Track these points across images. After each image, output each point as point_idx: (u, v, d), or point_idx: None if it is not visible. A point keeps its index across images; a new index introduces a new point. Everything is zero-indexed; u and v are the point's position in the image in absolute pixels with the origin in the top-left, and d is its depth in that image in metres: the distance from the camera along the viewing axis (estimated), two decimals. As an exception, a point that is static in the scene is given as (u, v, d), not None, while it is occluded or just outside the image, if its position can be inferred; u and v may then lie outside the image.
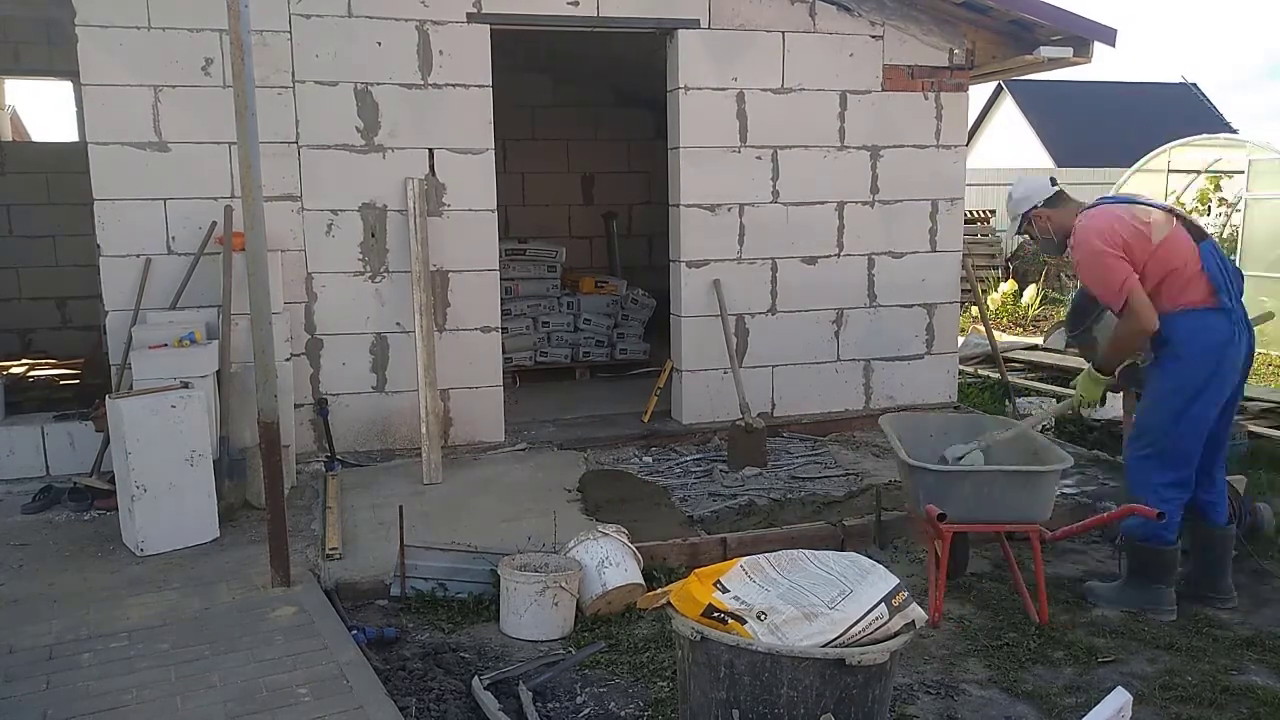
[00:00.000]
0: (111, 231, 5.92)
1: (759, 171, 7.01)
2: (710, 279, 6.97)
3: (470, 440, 6.67)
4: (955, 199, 7.54)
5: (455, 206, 6.47)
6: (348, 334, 6.39)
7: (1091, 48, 7.18)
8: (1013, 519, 4.35)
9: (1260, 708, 3.67)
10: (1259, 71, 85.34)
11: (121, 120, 5.86)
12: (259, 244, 4.29)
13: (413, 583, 4.55)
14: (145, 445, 4.81)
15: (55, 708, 3.40)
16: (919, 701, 3.74)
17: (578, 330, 9.07)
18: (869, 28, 7.13)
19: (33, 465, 5.97)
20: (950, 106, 7.39)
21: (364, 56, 6.20)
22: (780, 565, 3.13)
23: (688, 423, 7.07)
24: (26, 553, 4.90)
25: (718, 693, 2.97)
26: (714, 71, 6.82)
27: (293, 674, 3.63)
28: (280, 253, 6.02)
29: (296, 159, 6.17)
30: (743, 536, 5.04)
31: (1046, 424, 6.80)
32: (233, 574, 4.60)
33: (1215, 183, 14.52)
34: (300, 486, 5.90)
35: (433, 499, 5.72)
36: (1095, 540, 5.38)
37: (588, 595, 4.40)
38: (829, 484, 5.99)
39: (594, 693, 3.80)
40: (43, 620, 4.11)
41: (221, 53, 5.93)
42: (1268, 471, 6.45)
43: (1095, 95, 27.86)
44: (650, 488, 5.95)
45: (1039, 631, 4.29)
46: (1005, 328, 13.72)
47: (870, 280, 7.39)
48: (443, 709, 3.62)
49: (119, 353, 5.81)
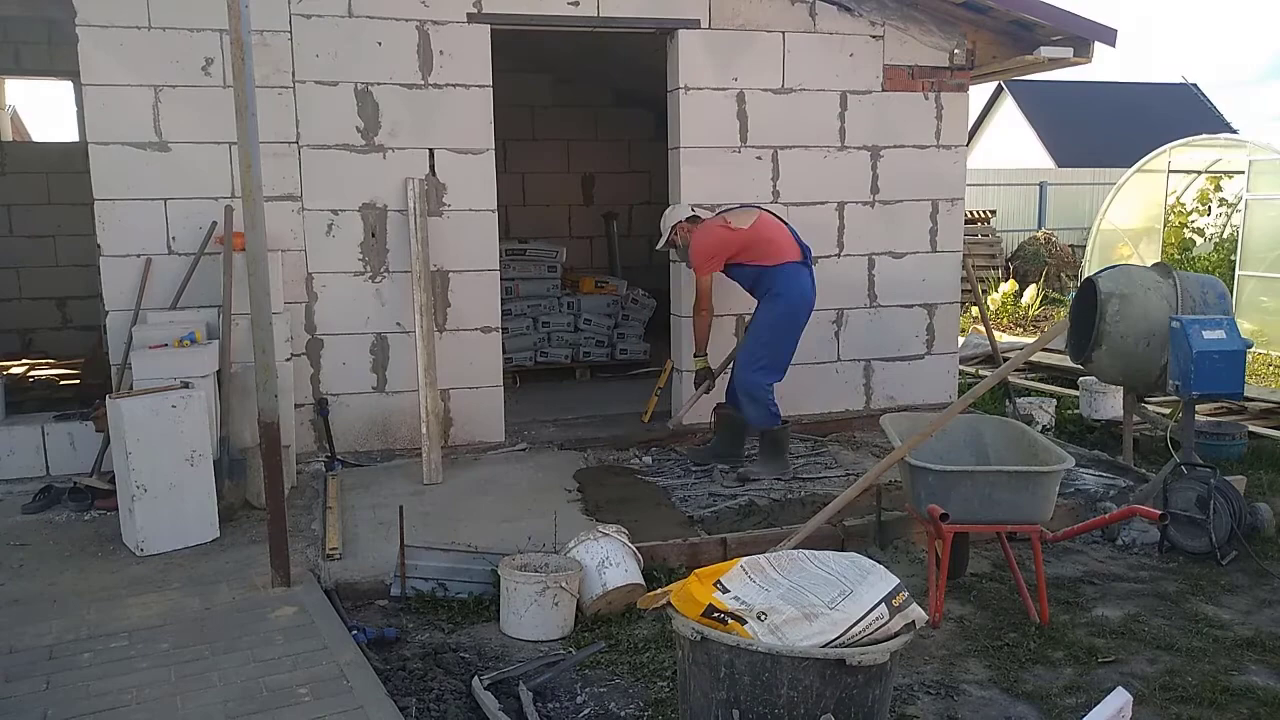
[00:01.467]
0: (112, 231, 5.92)
1: (759, 171, 7.01)
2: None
3: (470, 440, 6.67)
4: (955, 199, 7.54)
5: (455, 206, 6.47)
6: (348, 334, 6.39)
7: (1092, 48, 7.19)
8: (1014, 519, 4.35)
9: (1260, 708, 3.67)
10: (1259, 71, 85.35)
11: (122, 120, 5.86)
12: (259, 244, 4.29)
13: (413, 583, 4.55)
14: (145, 445, 4.81)
15: (55, 708, 3.40)
16: (919, 701, 3.74)
17: (578, 330, 9.06)
18: (869, 28, 7.13)
19: (33, 465, 5.97)
20: (950, 106, 7.38)
21: (364, 56, 6.20)
22: (780, 565, 3.13)
23: (688, 423, 7.06)
24: (27, 552, 4.90)
25: (718, 693, 2.97)
26: (714, 71, 6.82)
27: (293, 674, 3.63)
28: (280, 253, 6.02)
29: (297, 159, 6.17)
30: (743, 536, 5.04)
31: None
32: (233, 574, 4.60)
33: (1215, 183, 14.52)
34: (300, 486, 5.90)
35: (433, 499, 5.72)
36: (1095, 541, 5.38)
37: (588, 595, 4.40)
38: (829, 484, 5.99)
39: (594, 693, 3.80)
40: (43, 620, 4.11)
41: (222, 52, 5.93)
42: (1268, 471, 6.45)
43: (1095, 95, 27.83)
44: (650, 488, 5.95)
45: (1039, 631, 4.29)
46: (1005, 328, 13.73)
47: (871, 280, 7.39)
48: (443, 709, 3.62)
49: (119, 353, 5.81)
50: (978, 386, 5.05)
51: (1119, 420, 6.83)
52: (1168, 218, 14.23)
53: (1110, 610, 4.53)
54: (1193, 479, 5.24)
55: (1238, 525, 5.07)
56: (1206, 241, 14.63)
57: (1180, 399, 5.40)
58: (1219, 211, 14.59)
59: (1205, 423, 7.08)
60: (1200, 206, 14.68)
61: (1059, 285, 16.15)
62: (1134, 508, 4.44)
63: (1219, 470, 5.39)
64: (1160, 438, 6.72)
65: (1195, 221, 14.69)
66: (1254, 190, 12.09)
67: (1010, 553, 4.66)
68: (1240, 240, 12.29)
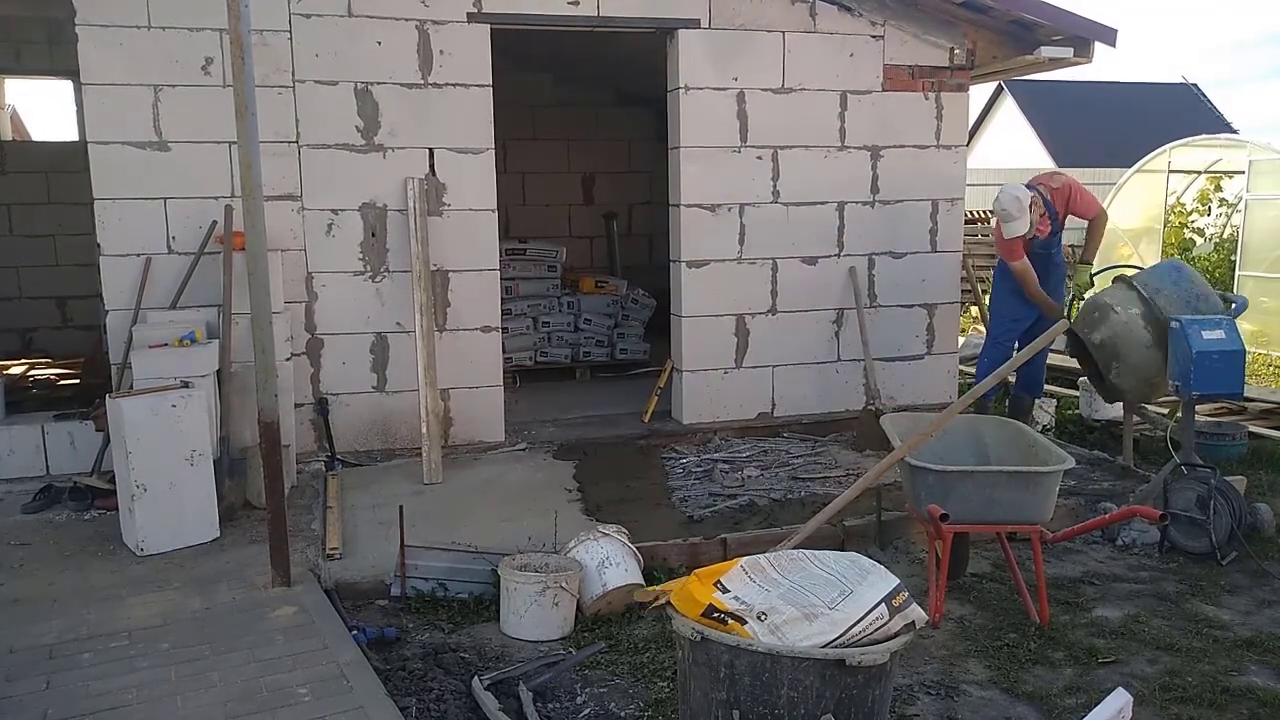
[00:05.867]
0: (112, 231, 5.91)
1: (759, 171, 7.00)
2: (712, 277, 6.98)
3: (471, 440, 6.67)
4: (955, 199, 7.54)
5: (455, 206, 6.47)
6: (348, 333, 6.39)
7: (1092, 48, 7.19)
8: (1014, 519, 4.35)
9: (1260, 708, 3.67)
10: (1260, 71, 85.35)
11: (122, 119, 5.86)
12: (259, 243, 4.29)
13: (413, 583, 4.55)
14: (145, 445, 4.81)
15: (56, 707, 3.40)
16: (919, 702, 3.74)
17: (578, 330, 9.06)
18: (869, 28, 7.12)
19: (33, 465, 5.96)
20: (951, 106, 7.38)
21: (364, 56, 6.20)
22: (780, 565, 3.12)
23: (688, 422, 7.07)
24: (27, 552, 4.90)
25: (718, 693, 2.97)
26: (714, 71, 6.81)
27: (293, 674, 3.63)
28: (280, 252, 6.02)
29: (297, 158, 6.17)
30: (743, 536, 5.04)
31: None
32: (233, 574, 4.59)
33: (1215, 183, 14.50)
34: (300, 486, 5.90)
35: (433, 499, 5.72)
36: (1096, 541, 5.38)
37: (588, 595, 4.40)
38: (829, 484, 5.99)
39: (594, 693, 3.80)
40: (43, 620, 4.11)
41: (222, 52, 5.93)
42: (1268, 472, 6.45)
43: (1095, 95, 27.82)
44: (650, 487, 5.95)
45: (1039, 632, 4.29)
46: (1005, 328, 13.68)
47: (871, 280, 7.39)
48: (443, 709, 3.62)
49: (119, 352, 5.81)
50: (978, 386, 5.05)
51: (1119, 420, 6.83)
52: (1168, 218, 14.22)
53: (1110, 611, 4.53)
54: (1193, 479, 5.24)
55: (1238, 525, 5.07)
56: (1206, 241, 14.62)
57: (1180, 399, 5.40)
58: (1219, 211, 14.57)
59: (1205, 423, 7.07)
60: (1200, 206, 14.66)
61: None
62: (1134, 508, 4.43)
63: (1219, 470, 5.39)
64: (1160, 438, 6.72)
65: (1195, 221, 14.67)
66: (1254, 190, 12.08)
67: (1010, 553, 4.66)
68: (1240, 240, 12.28)
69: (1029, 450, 4.61)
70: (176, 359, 5.35)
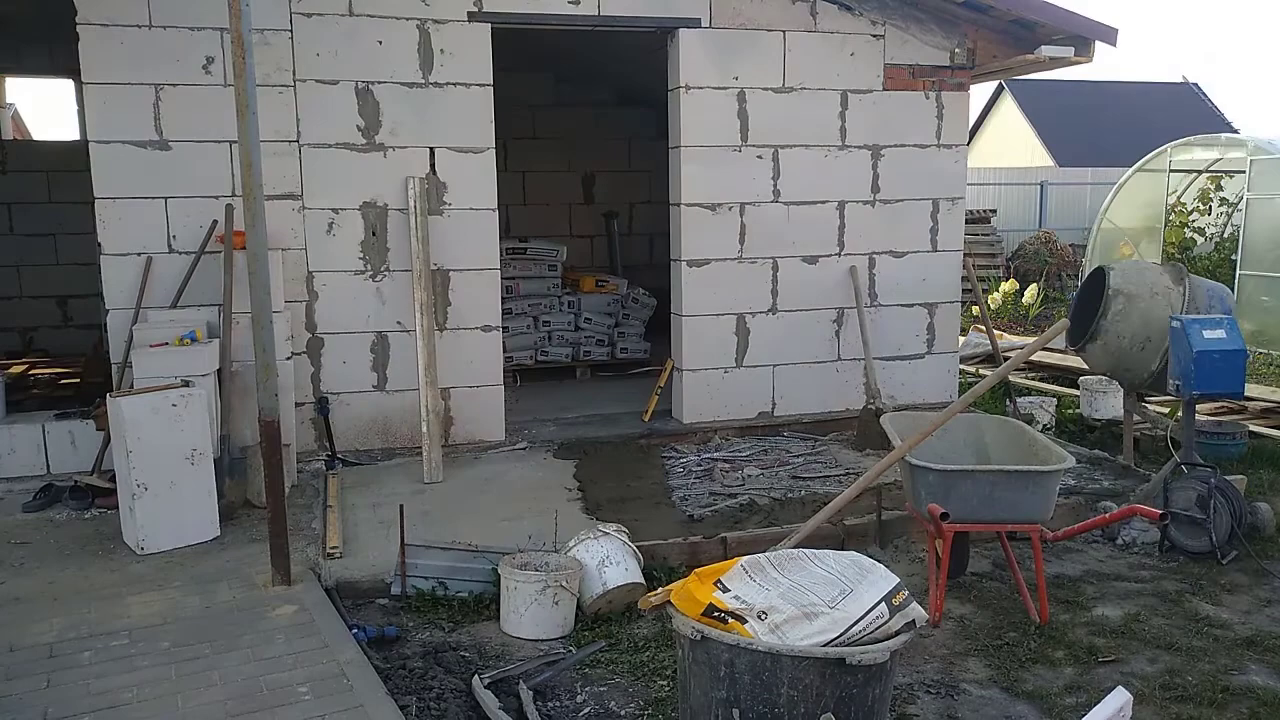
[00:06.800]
0: (112, 230, 5.92)
1: (760, 171, 7.01)
2: (712, 276, 6.98)
3: (471, 439, 6.67)
4: (956, 198, 7.54)
5: (456, 205, 6.47)
6: (348, 333, 6.39)
7: (1093, 47, 7.18)
8: (1014, 519, 4.35)
9: (1260, 708, 3.68)
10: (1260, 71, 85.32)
11: (123, 118, 5.86)
12: (260, 242, 4.29)
13: (413, 581, 4.56)
14: (146, 444, 4.81)
15: (56, 706, 3.40)
16: (919, 701, 3.74)
17: (578, 329, 9.07)
18: (870, 27, 7.12)
19: (34, 463, 5.97)
20: (951, 106, 7.38)
21: (365, 55, 6.20)
22: (781, 564, 3.13)
23: (688, 422, 7.07)
24: (27, 551, 4.90)
25: (718, 692, 2.97)
26: (715, 71, 6.81)
27: (293, 672, 3.63)
28: (281, 251, 6.03)
29: (297, 157, 6.17)
30: (743, 535, 5.04)
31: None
32: (233, 573, 4.60)
33: (1216, 182, 14.50)
34: (301, 485, 5.90)
35: (433, 498, 5.72)
36: (1096, 540, 5.38)
37: (588, 594, 4.40)
38: (829, 483, 5.99)
39: (594, 692, 3.80)
40: (43, 618, 4.11)
41: (223, 51, 5.93)
42: (1268, 471, 6.45)
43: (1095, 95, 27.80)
44: (650, 487, 5.95)
45: (1039, 631, 4.29)
46: (1006, 327, 13.71)
47: (871, 279, 7.39)
48: (443, 708, 3.62)
49: (120, 351, 5.82)
50: (978, 386, 5.05)
51: (1119, 420, 6.83)
52: (1168, 217, 14.22)
53: (1110, 610, 4.53)
54: (1193, 478, 5.24)
55: (1238, 525, 5.07)
56: (1207, 241, 14.62)
57: (1180, 398, 5.40)
58: (1219, 211, 14.57)
59: (1205, 422, 7.08)
60: (1201, 206, 14.65)
61: (1059, 285, 16.13)
62: (1134, 507, 4.43)
63: (1219, 470, 5.39)
64: (1160, 437, 6.72)
65: (1196, 221, 14.66)
66: (1255, 190, 12.08)
67: (1010, 552, 4.66)
68: (1241, 240, 12.28)
69: (1029, 449, 4.61)
70: (177, 358, 5.35)
